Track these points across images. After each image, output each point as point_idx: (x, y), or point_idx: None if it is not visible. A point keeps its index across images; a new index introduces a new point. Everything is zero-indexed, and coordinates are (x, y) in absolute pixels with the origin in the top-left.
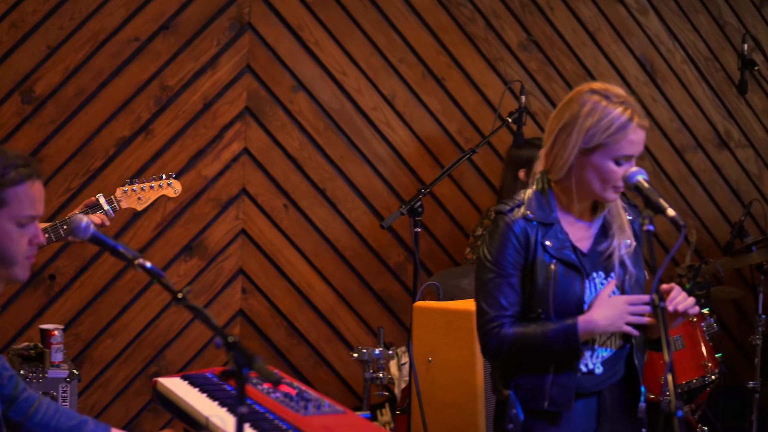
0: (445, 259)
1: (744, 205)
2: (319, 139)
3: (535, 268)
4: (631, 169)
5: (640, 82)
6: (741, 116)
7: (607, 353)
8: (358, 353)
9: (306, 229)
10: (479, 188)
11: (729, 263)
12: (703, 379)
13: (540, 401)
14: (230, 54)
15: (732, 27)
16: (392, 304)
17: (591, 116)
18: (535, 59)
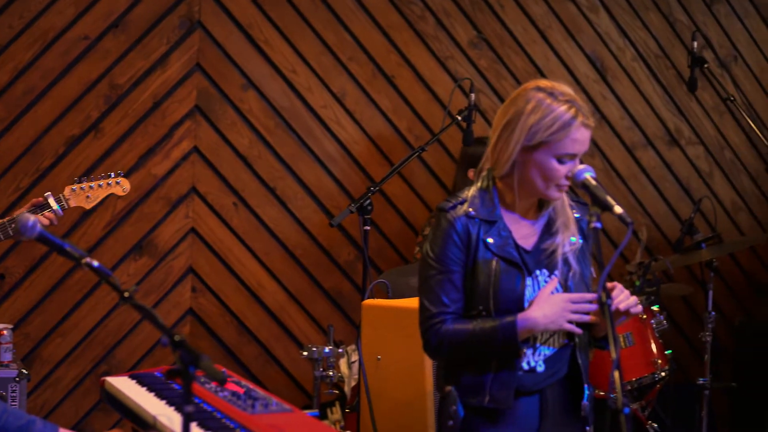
0: (396, 257)
1: (694, 202)
2: (269, 137)
3: (477, 265)
4: (579, 167)
5: (591, 79)
6: (691, 114)
7: (550, 351)
8: (308, 352)
9: (256, 227)
10: (429, 186)
11: (679, 260)
12: (653, 376)
13: (480, 398)
14: (180, 52)
15: (682, 24)
16: (342, 303)
17: (534, 113)
18: (486, 57)
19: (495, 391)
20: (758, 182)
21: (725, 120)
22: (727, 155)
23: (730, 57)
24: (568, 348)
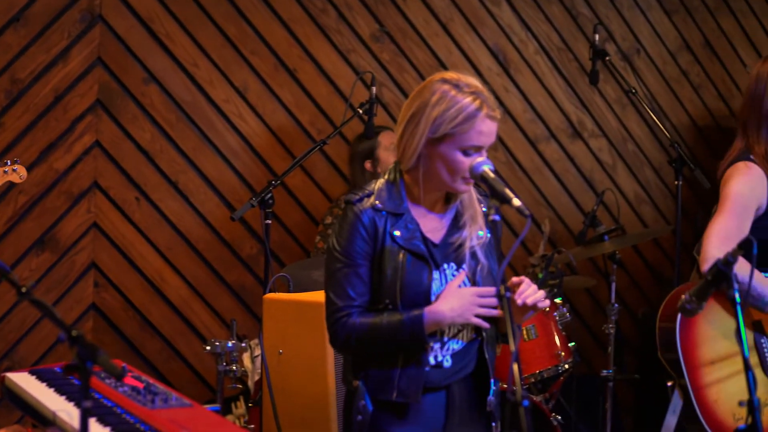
0: (298, 250)
1: (597, 194)
2: (171, 131)
3: (384, 258)
4: (477, 159)
5: (493, 72)
6: (594, 106)
7: (458, 346)
8: (211, 346)
9: (158, 221)
10: (331, 179)
11: (582, 253)
12: (557, 369)
13: (388, 393)
14: (81, 46)
15: (585, 17)
16: (245, 297)
17: (439, 105)
18: (388, 50)
19: (403, 385)
20: (661, 174)
21: (628, 112)
22: (630, 148)
23: (632, 50)
24: (476, 343)
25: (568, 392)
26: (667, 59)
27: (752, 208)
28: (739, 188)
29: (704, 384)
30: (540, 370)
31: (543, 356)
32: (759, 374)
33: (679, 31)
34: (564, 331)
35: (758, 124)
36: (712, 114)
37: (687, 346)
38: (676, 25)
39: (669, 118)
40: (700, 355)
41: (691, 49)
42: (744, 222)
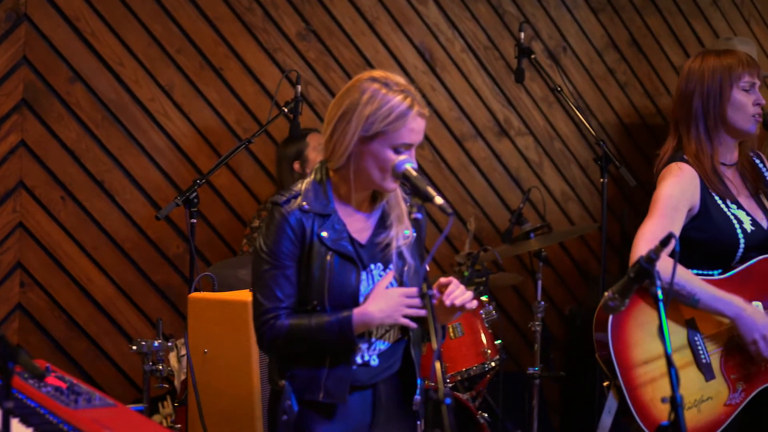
0: (225, 249)
1: (523, 192)
2: (97, 130)
3: (311, 259)
4: (400, 158)
5: (419, 71)
6: (521, 104)
7: (385, 346)
8: (137, 346)
9: (84, 221)
10: (258, 178)
11: (508, 250)
12: (483, 366)
13: (315, 393)
14: (6, 46)
15: (511, 16)
16: (172, 296)
17: (370, 104)
18: (314, 49)
19: (330, 386)
20: (588, 172)
21: (555, 111)
22: (557, 146)
23: (559, 48)
24: (403, 343)
25: (495, 390)
26: (594, 57)
27: (683, 210)
28: (669, 190)
29: (638, 384)
30: (466, 368)
31: (469, 354)
32: (693, 371)
33: (605, 29)
34: (490, 329)
35: (688, 122)
36: (639, 112)
37: (619, 348)
38: (603, 23)
39: (596, 116)
40: (633, 356)
41: (618, 48)
42: (674, 224)
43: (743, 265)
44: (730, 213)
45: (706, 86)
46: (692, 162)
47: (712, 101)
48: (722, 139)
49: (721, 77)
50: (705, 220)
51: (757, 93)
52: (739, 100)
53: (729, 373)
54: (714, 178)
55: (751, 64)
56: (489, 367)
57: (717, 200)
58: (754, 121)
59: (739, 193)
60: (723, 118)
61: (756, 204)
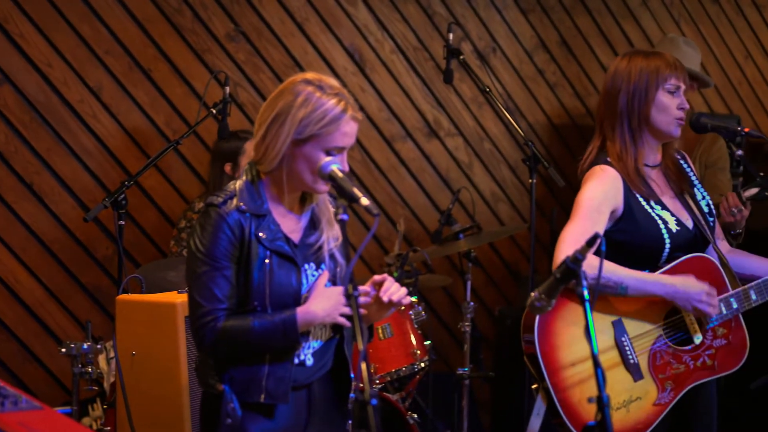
0: (154, 251)
1: (453, 192)
2: (25, 132)
3: (251, 260)
4: (326, 159)
5: (349, 72)
6: (450, 105)
7: (318, 345)
8: (66, 348)
9: (12, 223)
10: (187, 179)
11: (437, 251)
12: (413, 367)
13: (255, 395)
14: None
15: (441, 17)
16: (101, 298)
17: (304, 107)
18: (243, 50)
19: (271, 386)
20: (517, 173)
21: (484, 111)
22: (487, 146)
23: (489, 49)
24: (334, 341)
25: (425, 390)
26: (524, 58)
27: (605, 211)
28: (591, 193)
29: (566, 386)
30: (396, 369)
31: (399, 355)
32: (621, 372)
33: (535, 30)
34: (420, 330)
35: (613, 122)
36: (569, 112)
37: (546, 350)
38: (532, 24)
39: (525, 117)
40: (561, 357)
41: (548, 48)
42: (596, 226)
43: (671, 264)
44: (654, 213)
45: (632, 86)
46: (615, 164)
47: (637, 101)
48: (645, 140)
49: (647, 78)
50: (629, 222)
51: (682, 97)
52: (663, 102)
53: (657, 372)
54: (637, 179)
55: (678, 68)
56: (418, 368)
57: (641, 201)
58: (677, 124)
59: (663, 194)
60: (647, 118)
61: (681, 204)
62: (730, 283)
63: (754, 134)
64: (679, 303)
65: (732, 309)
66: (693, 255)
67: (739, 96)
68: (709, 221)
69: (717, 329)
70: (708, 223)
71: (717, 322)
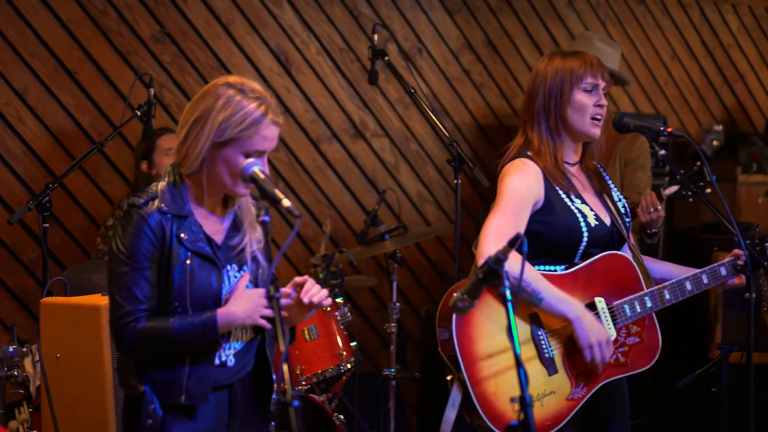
0: (80, 253)
1: (379, 193)
2: None
3: (171, 261)
4: (247, 161)
5: (275, 73)
6: (376, 106)
7: (239, 346)
8: None
9: None
10: (113, 181)
11: (363, 252)
12: (339, 368)
13: (176, 396)
14: None
15: (366, 18)
16: (27, 300)
17: (225, 110)
18: (169, 52)
19: (191, 387)
20: (443, 173)
21: (410, 112)
22: (413, 147)
23: (415, 49)
24: (256, 342)
25: (351, 391)
26: (450, 59)
27: (528, 204)
28: (515, 185)
29: (482, 378)
30: (322, 370)
31: (325, 356)
32: (537, 366)
33: (461, 30)
34: (346, 331)
35: (533, 122)
36: (495, 113)
37: (464, 342)
38: (458, 24)
39: (451, 118)
40: (477, 349)
41: (474, 49)
42: (519, 218)
43: (587, 261)
44: (574, 207)
45: (548, 87)
46: (536, 158)
47: (553, 102)
48: (564, 140)
49: (562, 78)
50: (549, 214)
51: (600, 94)
52: (579, 101)
53: (571, 367)
54: (557, 173)
55: (595, 66)
56: (345, 369)
57: (561, 194)
58: (593, 124)
59: (584, 189)
60: (563, 118)
61: (600, 202)
62: (644, 282)
63: (677, 134)
64: (577, 332)
65: (646, 308)
66: (609, 252)
67: (665, 96)
68: (625, 222)
69: (631, 327)
70: (624, 223)
71: (631, 319)
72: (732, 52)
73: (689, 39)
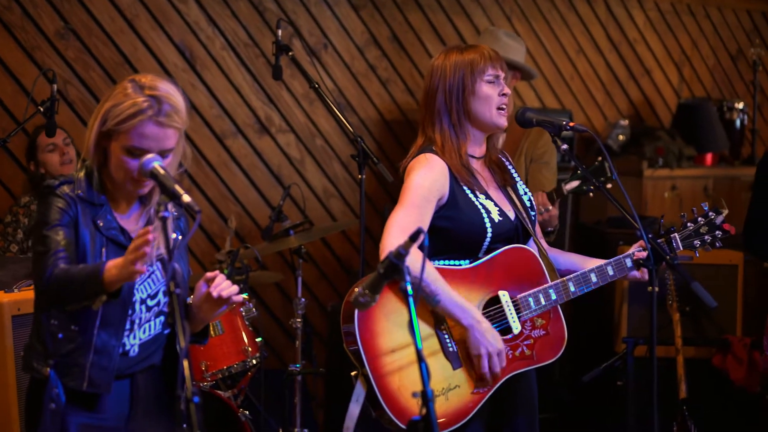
0: None
1: (285, 188)
2: None
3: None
4: (147, 156)
5: (180, 68)
6: (282, 102)
7: (146, 336)
8: None
9: None
10: (16, 178)
11: (269, 247)
12: (244, 364)
13: (79, 382)
14: None
15: (272, 13)
16: None
17: (111, 100)
18: (73, 47)
19: (94, 375)
20: (349, 168)
21: (316, 107)
22: (318, 142)
23: (320, 45)
24: (164, 335)
25: (257, 387)
26: (355, 54)
27: (432, 199)
28: (420, 180)
29: (386, 373)
30: (227, 366)
31: (230, 352)
32: (441, 360)
33: (366, 26)
34: (252, 327)
35: (434, 119)
36: (400, 108)
37: (366, 337)
38: (364, 20)
39: (357, 113)
40: (380, 344)
41: (379, 44)
42: (423, 213)
43: (490, 255)
44: (477, 203)
45: (449, 82)
46: (440, 154)
47: (455, 96)
48: (469, 134)
49: (463, 72)
50: (453, 210)
51: (502, 84)
52: (484, 93)
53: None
54: (462, 170)
55: (494, 58)
56: (250, 365)
57: (465, 190)
58: (500, 113)
59: (488, 185)
60: (468, 112)
61: (504, 196)
62: (549, 275)
63: (580, 128)
64: (470, 339)
65: (551, 300)
66: (512, 246)
67: (571, 91)
68: (530, 215)
69: (536, 320)
70: (530, 217)
71: (536, 312)
72: (638, 47)
73: (595, 34)
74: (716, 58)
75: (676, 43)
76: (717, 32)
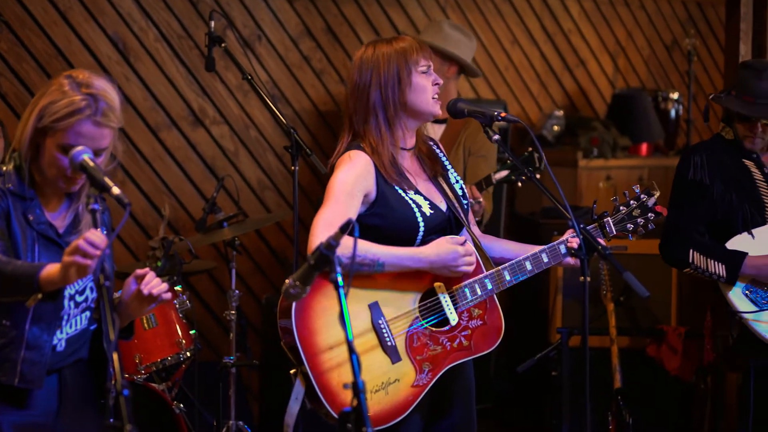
0: None
1: (218, 180)
2: None
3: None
4: (77, 148)
5: (113, 61)
6: (216, 93)
7: (72, 331)
8: None
9: None
10: None
11: (203, 239)
12: (178, 356)
13: (11, 378)
14: None
15: (205, 5)
16: None
17: (48, 96)
18: (6, 40)
19: (25, 370)
20: (283, 160)
21: (250, 99)
22: (253, 134)
23: (254, 36)
24: (91, 329)
25: (192, 380)
26: (289, 45)
27: (358, 195)
28: (344, 177)
29: (325, 369)
30: (161, 359)
31: (164, 344)
32: (379, 354)
33: (300, 17)
34: (186, 319)
35: (366, 114)
36: (335, 99)
37: (304, 334)
38: (298, 11)
39: (291, 104)
40: (318, 341)
41: (313, 36)
42: (349, 210)
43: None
44: (408, 198)
45: (383, 75)
46: (368, 151)
47: (391, 90)
48: (403, 125)
49: (397, 65)
50: (383, 206)
51: (434, 74)
52: (419, 84)
53: (415, 354)
54: (391, 169)
55: (424, 48)
56: (184, 357)
57: (394, 186)
58: (435, 102)
59: (417, 178)
60: (404, 104)
61: (434, 187)
62: (484, 265)
63: (512, 119)
64: (437, 272)
65: (487, 290)
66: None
67: (506, 81)
68: (463, 204)
69: (472, 310)
70: (462, 206)
71: (472, 303)
72: (573, 37)
73: (530, 25)
74: (651, 48)
75: (611, 33)
76: (652, 23)
